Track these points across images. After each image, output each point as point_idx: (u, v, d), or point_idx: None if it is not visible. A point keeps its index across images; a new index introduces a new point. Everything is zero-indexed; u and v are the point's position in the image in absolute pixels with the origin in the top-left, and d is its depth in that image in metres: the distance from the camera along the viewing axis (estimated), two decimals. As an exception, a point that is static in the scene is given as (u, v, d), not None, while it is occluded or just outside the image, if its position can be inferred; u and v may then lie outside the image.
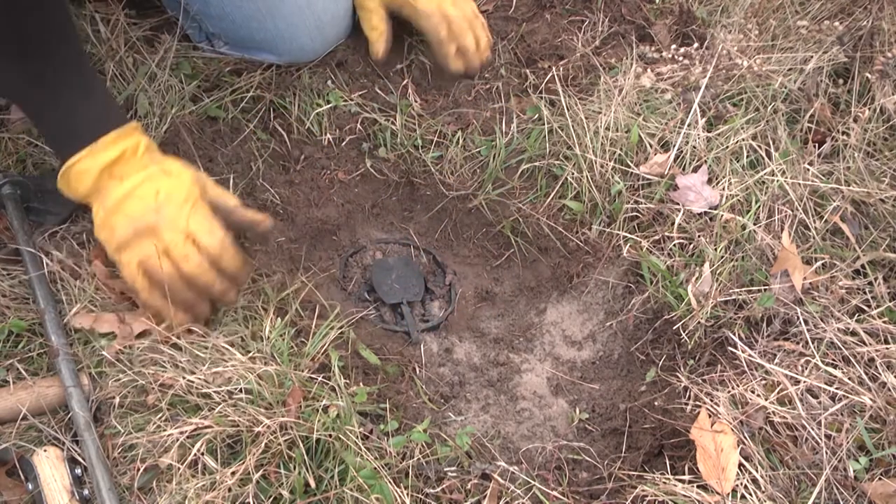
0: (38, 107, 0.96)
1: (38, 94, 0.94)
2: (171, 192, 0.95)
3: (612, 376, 1.11)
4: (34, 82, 0.93)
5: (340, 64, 1.33)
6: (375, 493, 0.82)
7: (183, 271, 0.94)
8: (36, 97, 0.94)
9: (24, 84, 0.93)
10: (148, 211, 0.94)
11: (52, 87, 0.94)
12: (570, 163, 1.21)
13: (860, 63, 1.28)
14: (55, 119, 0.96)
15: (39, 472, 0.84)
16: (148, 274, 0.95)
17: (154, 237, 0.94)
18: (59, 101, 0.94)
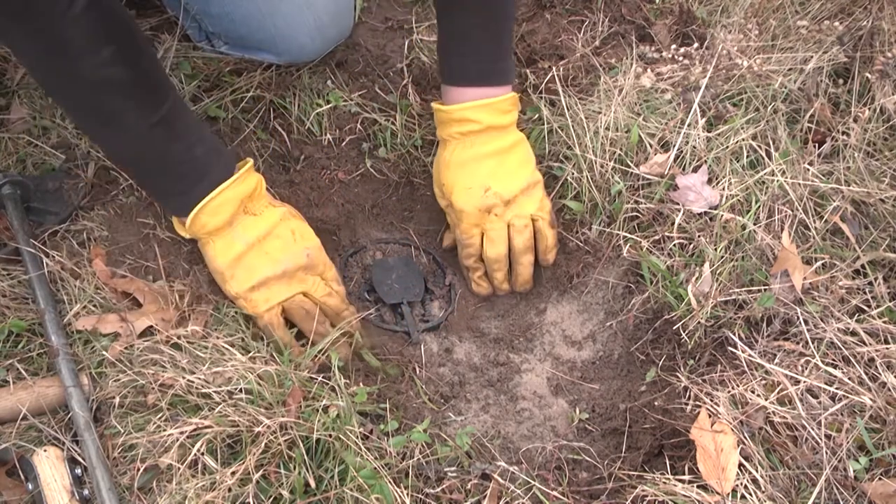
0: (163, 151, 0.94)
1: (163, 134, 0.93)
2: (304, 232, 1.04)
3: (612, 376, 1.11)
4: (162, 124, 0.92)
5: (340, 64, 1.33)
6: (375, 494, 0.82)
7: (329, 307, 1.04)
8: (161, 140, 0.93)
9: (152, 129, 0.91)
10: (295, 254, 1.01)
11: (177, 126, 0.94)
12: (570, 163, 1.21)
13: (860, 63, 1.28)
14: (185, 158, 0.95)
15: (39, 472, 0.84)
16: (289, 313, 1.02)
17: (298, 279, 1.01)
18: (187, 139, 0.95)
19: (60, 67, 0.85)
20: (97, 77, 0.85)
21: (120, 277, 1.05)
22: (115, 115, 0.89)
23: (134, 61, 0.87)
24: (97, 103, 0.89)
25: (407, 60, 1.37)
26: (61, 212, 1.09)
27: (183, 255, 1.09)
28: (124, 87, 0.87)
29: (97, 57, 0.83)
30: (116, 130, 0.92)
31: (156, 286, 1.04)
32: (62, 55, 0.83)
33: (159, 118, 0.90)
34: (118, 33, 0.86)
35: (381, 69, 1.34)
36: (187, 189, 0.97)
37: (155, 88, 0.91)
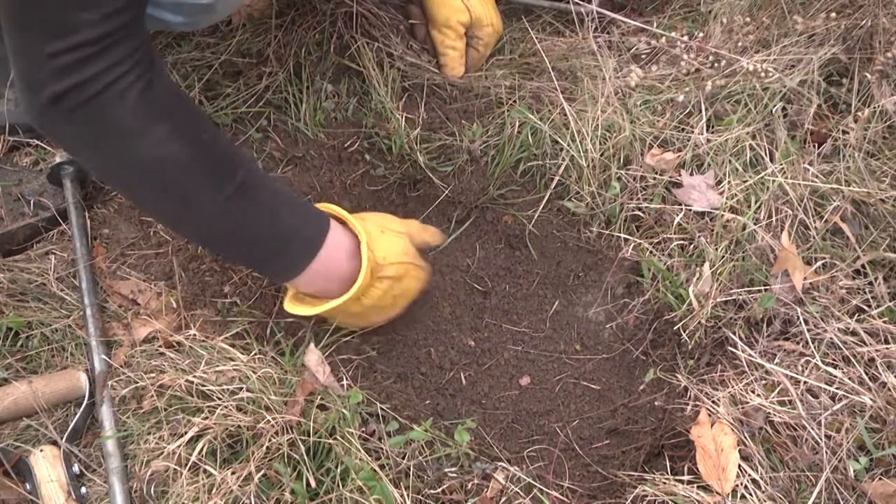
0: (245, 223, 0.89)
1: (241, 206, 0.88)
2: (406, 291, 1.03)
3: (612, 376, 1.11)
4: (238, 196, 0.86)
5: (339, 64, 1.32)
6: (375, 495, 0.82)
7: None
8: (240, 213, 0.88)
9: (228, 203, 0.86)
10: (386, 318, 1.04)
11: (255, 196, 0.88)
12: (570, 163, 1.21)
13: (860, 63, 1.28)
14: (271, 226, 0.90)
15: (36, 471, 0.83)
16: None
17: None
18: (270, 207, 0.90)
19: (117, 153, 0.82)
20: (155, 157, 0.81)
21: (120, 279, 1.05)
22: (185, 194, 0.85)
23: (192, 137, 0.83)
24: (161, 185, 0.84)
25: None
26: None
27: (184, 254, 1.09)
28: (186, 164, 0.83)
29: (151, 137, 0.80)
30: (191, 209, 0.87)
31: (156, 287, 1.04)
32: (114, 139, 0.80)
33: (234, 190, 0.85)
34: (172, 111, 0.82)
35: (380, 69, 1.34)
36: (281, 261, 0.92)
37: (221, 161, 0.87)
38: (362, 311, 0.98)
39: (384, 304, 0.99)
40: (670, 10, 1.56)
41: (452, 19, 1.34)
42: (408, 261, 1.00)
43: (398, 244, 1.00)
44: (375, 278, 0.95)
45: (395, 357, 1.10)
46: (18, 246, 1.09)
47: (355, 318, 1.00)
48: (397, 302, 1.02)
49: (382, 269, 0.96)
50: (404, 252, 0.99)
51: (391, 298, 0.99)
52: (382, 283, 0.97)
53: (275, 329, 1.05)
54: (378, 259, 0.95)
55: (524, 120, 1.25)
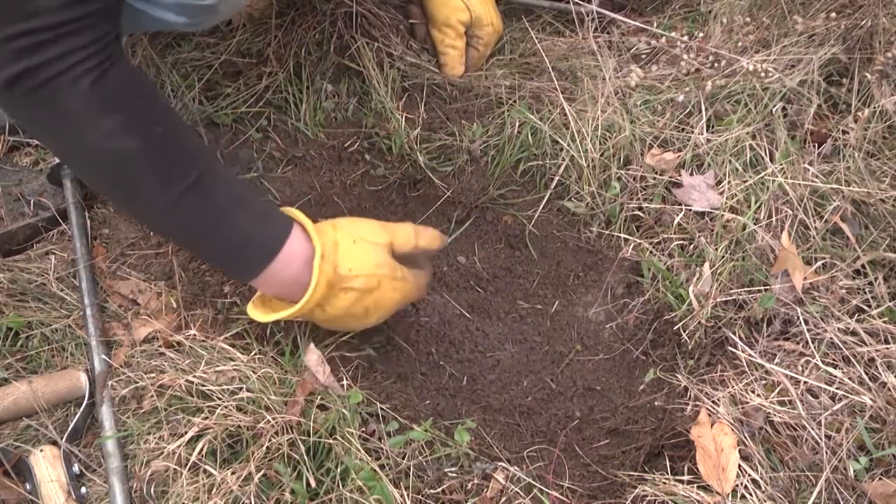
0: (197, 222, 0.87)
1: (194, 204, 0.85)
2: (381, 302, 0.96)
3: (612, 376, 1.11)
4: (191, 193, 0.84)
5: (339, 64, 1.32)
6: (375, 495, 0.82)
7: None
8: (191, 211, 0.86)
9: (180, 199, 0.84)
10: (365, 325, 0.98)
11: (210, 194, 0.86)
12: (570, 163, 1.21)
13: (860, 63, 1.28)
14: (225, 229, 0.88)
15: (36, 471, 0.83)
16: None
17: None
18: (224, 207, 0.87)
19: (68, 140, 0.81)
20: (104, 147, 0.80)
21: (120, 279, 1.05)
22: (135, 186, 0.83)
23: (144, 131, 0.82)
24: (111, 175, 0.84)
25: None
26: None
27: (184, 254, 1.09)
28: (134, 158, 0.81)
29: (101, 127, 0.79)
30: (141, 203, 0.85)
31: (156, 287, 1.04)
32: (67, 127, 0.79)
33: (186, 187, 0.83)
34: (125, 103, 0.81)
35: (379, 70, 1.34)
36: (235, 263, 0.91)
37: (174, 158, 0.85)
38: (332, 319, 0.94)
39: (355, 312, 0.94)
40: (670, 10, 1.56)
41: (452, 18, 1.34)
42: (381, 272, 0.94)
43: (371, 255, 0.94)
44: (339, 289, 0.91)
45: (395, 357, 1.10)
46: (18, 246, 1.09)
47: (329, 324, 0.97)
48: (372, 312, 0.96)
49: (346, 280, 0.91)
50: (376, 264, 0.94)
51: (362, 309, 0.94)
52: (348, 294, 0.92)
53: (275, 329, 1.05)
54: (342, 271, 0.91)
55: (524, 120, 1.25)
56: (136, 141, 0.81)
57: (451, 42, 1.36)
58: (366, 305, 0.94)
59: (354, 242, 0.94)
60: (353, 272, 0.92)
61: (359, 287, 0.92)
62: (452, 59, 1.37)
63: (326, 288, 0.90)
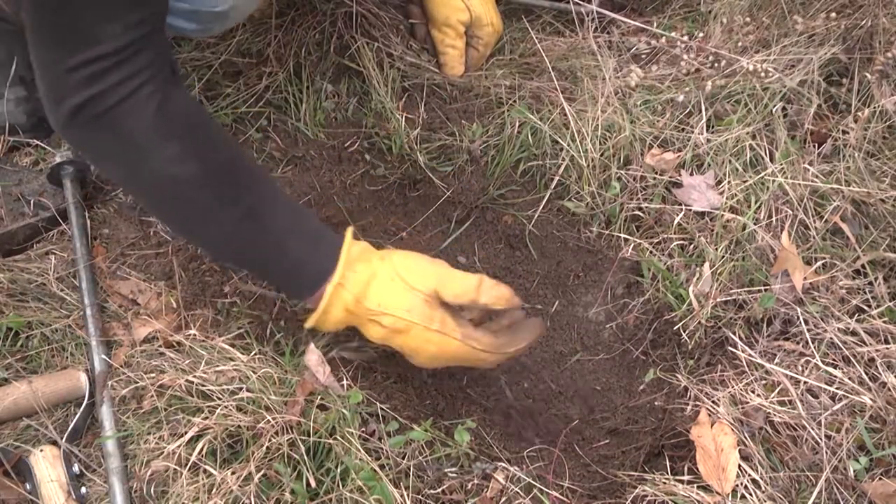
0: (255, 245, 0.89)
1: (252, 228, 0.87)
2: (414, 348, 0.91)
3: (612, 376, 1.11)
4: (249, 218, 0.86)
5: (339, 64, 1.33)
6: (375, 495, 0.82)
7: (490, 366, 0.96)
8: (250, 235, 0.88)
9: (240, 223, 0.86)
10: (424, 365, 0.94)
11: (265, 219, 0.87)
12: (570, 163, 1.21)
13: (860, 63, 1.28)
14: (278, 254, 0.89)
15: (36, 471, 0.83)
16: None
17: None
18: (277, 232, 0.88)
19: (130, 165, 0.83)
20: (167, 173, 0.82)
21: (120, 279, 1.05)
22: (193, 212, 0.85)
23: (204, 157, 0.83)
24: (171, 201, 0.85)
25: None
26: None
27: (184, 254, 1.09)
28: (196, 184, 0.83)
29: (164, 153, 0.80)
30: (199, 228, 0.88)
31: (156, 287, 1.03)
32: (131, 152, 0.81)
33: (244, 212, 0.85)
34: (186, 129, 0.83)
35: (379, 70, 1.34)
36: (290, 287, 0.93)
37: (233, 183, 0.86)
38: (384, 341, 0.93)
39: (395, 347, 0.92)
40: (670, 10, 1.56)
41: (452, 18, 1.34)
42: (409, 318, 0.89)
43: (402, 298, 0.89)
44: (367, 319, 0.90)
45: (396, 358, 1.10)
46: (18, 246, 1.09)
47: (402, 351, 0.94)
48: (414, 356, 0.92)
49: (373, 313, 0.89)
50: (406, 309, 0.89)
51: (400, 346, 0.92)
52: (377, 327, 0.90)
53: (274, 329, 1.05)
54: (369, 304, 0.89)
55: (524, 120, 1.25)
56: (196, 167, 0.82)
57: (450, 42, 1.36)
58: (401, 343, 0.91)
59: (392, 280, 0.90)
60: (380, 308, 0.89)
61: (386, 325, 0.90)
62: (452, 58, 1.37)
63: (346, 314, 0.89)
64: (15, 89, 1.21)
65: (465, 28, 1.36)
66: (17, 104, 1.22)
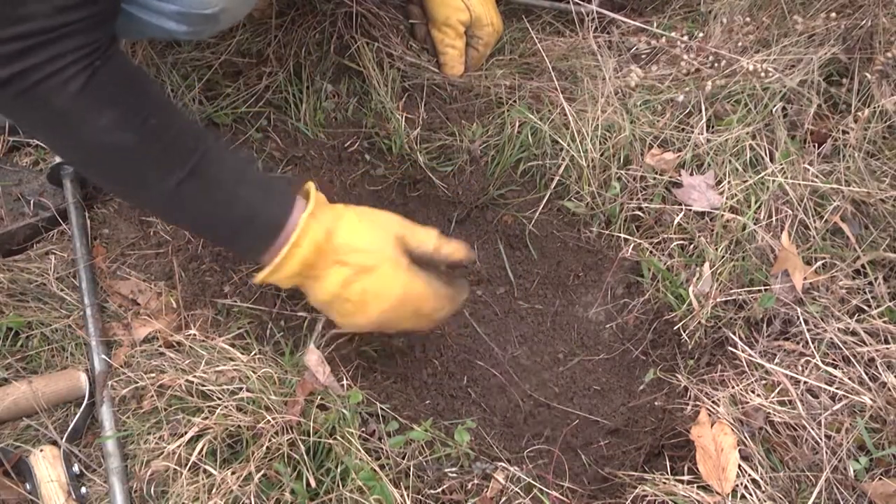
0: (200, 204, 0.87)
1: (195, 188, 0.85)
2: (379, 290, 0.90)
3: (612, 376, 1.11)
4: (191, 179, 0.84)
5: (339, 64, 1.33)
6: (375, 495, 0.82)
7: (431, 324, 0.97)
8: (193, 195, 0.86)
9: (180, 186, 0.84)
10: (370, 321, 0.91)
11: (209, 176, 0.86)
12: (570, 163, 1.21)
13: (860, 63, 1.28)
14: (227, 206, 0.87)
15: (36, 471, 0.83)
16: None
17: (391, 327, 0.95)
18: (225, 187, 0.87)
19: (63, 137, 0.82)
20: (100, 143, 0.81)
21: (120, 279, 1.05)
22: (134, 178, 0.84)
23: (138, 124, 0.82)
24: (110, 169, 0.85)
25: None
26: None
27: (184, 254, 1.09)
28: (132, 151, 0.82)
29: (94, 124, 0.80)
30: (143, 192, 0.86)
31: (156, 287, 1.03)
32: (61, 126, 0.80)
33: (187, 173, 0.84)
34: (117, 99, 0.81)
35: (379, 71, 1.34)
36: (243, 242, 0.89)
37: (171, 146, 0.85)
38: (328, 301, 0.90)
39: (351, 296, 0.89)
40: (670, 10, 1.56)
41: (452, 18, 1.34)
42: (381, 254, 0.89)
43: (373, 235, 0.90)
44: (333, 260, 0.88)
45: (396, 358, 1.10)
46: (18, 246, 1.09)
47: (328, 310, 0.93)
48: (370, 302, 0.90)
49: (340, 251, 0.88)
50: (378, 246, 0.90)
51: (359, 293, 0.89)
52: (342, 268, 0.88)
53: (274, 329, 1.05)
54: (338, 240, 0.88)
55: (524, 120, 1.25)
56: (130, 135, 0.82)
57: (450, 42, 1.36)
58: (363, 288, 0.89)
59: (359, 221, 0.91)
60: (349, 245, 0.89)
61: (353, 262, 0.89)
62: (452, 58, 1.37)
63: (315, 252, 0.87)
64: None
65: (465, 28, 1.36)
66: None
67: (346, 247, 0.89)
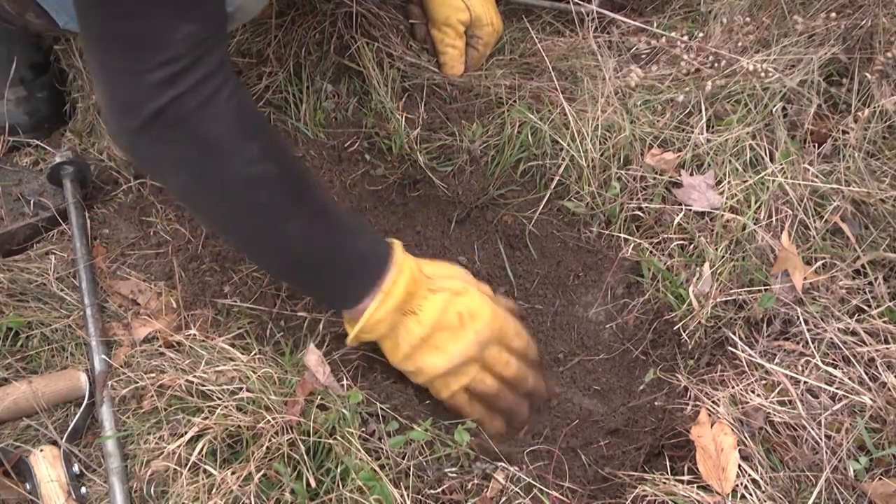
0: (329, 244, 0.87)
1: (325, 227, 0.86)
2: (472, 309, 0.93)
3: (612, 376, 1.11)
4: (321, 217, 0.85)
5: (339, 64, 1.33)
6: (375, 495, 0.82)
7: (507, 378, 0.97)
8: (324, 234, 0.86)
9: (312, 223, 0.84)
10: (465, 342, 0.92)
11: (334, 217, 0.87)
12: (570, 163, 1.21)
13: (860, 63, 1.28)
14: (350, 248, 0.88)
15: (36, 471, 0.83)
16: (473, 392, 0.97)
17: (476, 361, 0.95)
18: (347, 229, 0.88)
19: (206, 170, 0.78)
20: (248, 175, 0.77)
21: (120, 279, 1.05)
22: (272, 213, 0.82)
23: (280, 155, 0.81)
24: (254, 204, 0.81)
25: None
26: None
27: (184, 254, 1.09)
28: (277, 183, 0.80)
29: (248, 153, 0.77)
30: (275, 231, 0.83)
31: (156, 287, 1.03)
32: (212, 155, 0.76)
33: (316, 211, 0.84)
34: (262, 128, 0.80)
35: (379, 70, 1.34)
36: (355, 280, 0.89)
37: (303, 181, 0.85)
38: (430, 336, 0.91)
39: (450, 322, 0.91)
40: (670, 10, 1.56)
41: (452, 18, 1.34)
42: (464, 279, 0.96)
43: (450, 267, 0.99)
44: (427, 290, 0.91)
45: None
46: (18, 246, 1.09)
47: (427, 347, 0.92)
48: (468, 323, 0.92)
49: (432, 281, 0.92)
50: (461, 275, 0.97)
51: (456, 316, 0.92)
52: (438, 295, 0.91)
53: (274, 329, 1.05)
54: (427, 272, 0.93)
55: (524, 120, 1.25)
56: (276, 166, 0.80)
57: (450, 41, 1.36)
58: (458, 310, 0.92)
59: (436, 262, 0.98)
60: (438, 274, 0.94)
61: (447, 287, 0.92)
62: (452, 58, 1.37)
63: (412, 281, 0.89)
64: (15, 89, 1.21)
65: (464, 28, 1.36)
66: (17, 104, 1.22)
67: (435, 275, 0.93)
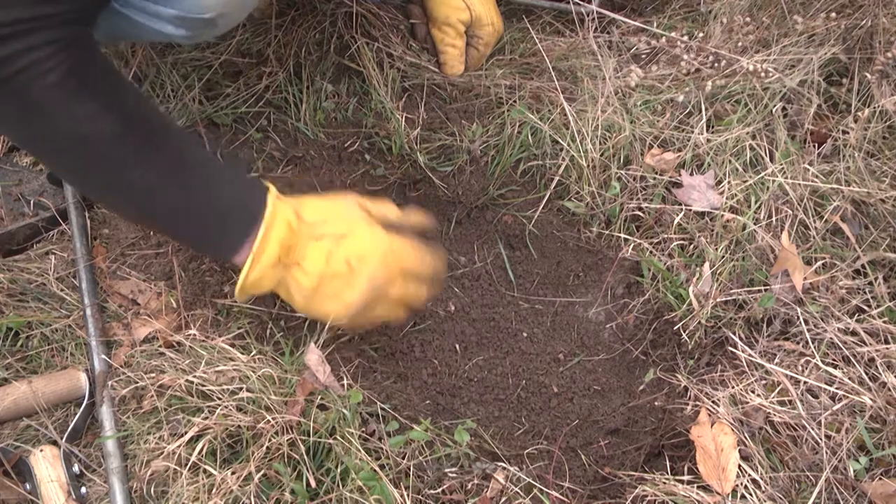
0: (183, 197, 0.85)
1: (177, 179, 0.84)
2: (361, 252, 0.90)
3: (612, 376, 1.11)
4: (172, 169, 0.83)
5: (339, 64, 1.33)
6: (375, 495, 0.82)
7: (420, 301, 0.98)
8: (177, 187, 0.84)
9: (162, 178, 0.83)
10: (359, 291, 0.90)
11: (188, 167, 0.84)
12: (570, 163, 1.21)
13: (860, 63, 1.28)
14: (209, 201, 0.86)
15: (36, 471, 0.83)
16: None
17: (381, 299, 0.93)
18: (206, 179, 0.86)
19: (37, 129, 0.79)
20: (80, 133, 0.78)
21: (120, 279, 1.05)
22: (114, 169, 0.81)
23: (122, 112, 0.81)
24: (89, 160, 0.81)
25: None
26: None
27: (184, 254, 1.09)
28: (116, 138, 0.80)
29: (76, 114, 0.78)
30: (121, 187, 0.83)
31: (156, 287, 1.03)
32: (38, 116, 0.77)
33: (168, 165, 0.83)
34: (98, 89, 0.80)
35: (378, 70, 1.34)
36: (224, 233, 0.87)
37: (153, 135, 0.84)
38: (319, 286, 0.89)
39: (337, 269, 0.88)
40: (670, 10, 1.56)
41: (453, 17, 1.34)
42: (351, 217, 0.90)
43: (339, 205, 0.92)
44: (309, 237, 0.88)
45: (396, 358, 1.10)
46: (18, 246, 1.09)
47: (320, 297, 0.91)
48: (357, 268, 0.89)
49: (314, 226, 0.88)
50: (347, 214, 0.90)
51: (343, 263, 0.88)
52: (320, 243, 0.88)
53: (274, 329, 1.05)
54: (308, 218, 0.88)
55: (524, 120, 1.25)
56: (112, 124, 0.80)
57: (450, 41, 1.36)
58: (345, 255, 0.89)
59: (320, 198, 0.93)
60: (319, 218, 0.89)
61: (329, 232, 0.89)
62: (452, 58, 1.37)
63: (288, 232, 0.87)
64: None
65: (465, 27, 1.36)
66: None
67: (316, 221, 0.89)
